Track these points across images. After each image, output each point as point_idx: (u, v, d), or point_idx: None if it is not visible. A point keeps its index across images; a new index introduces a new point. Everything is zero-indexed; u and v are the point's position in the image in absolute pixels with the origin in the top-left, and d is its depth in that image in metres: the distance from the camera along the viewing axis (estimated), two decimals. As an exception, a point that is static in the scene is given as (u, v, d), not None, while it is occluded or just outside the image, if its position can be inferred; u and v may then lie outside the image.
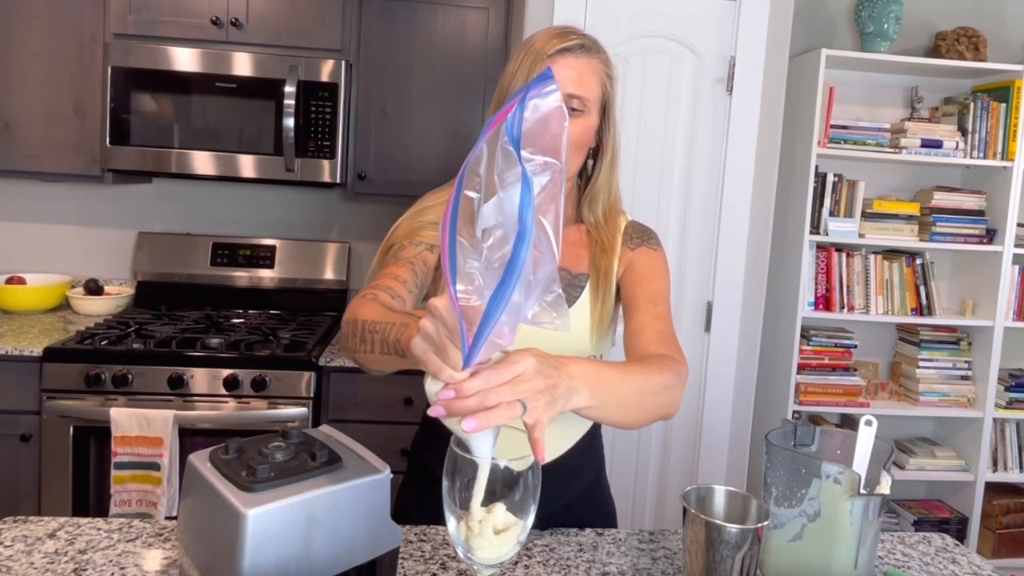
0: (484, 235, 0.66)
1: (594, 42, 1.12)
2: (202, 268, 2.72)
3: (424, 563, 1.01)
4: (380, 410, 2.26)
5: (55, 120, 2.40)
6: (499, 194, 0.65)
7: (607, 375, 0.86)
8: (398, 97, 2.50)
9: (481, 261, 0.66)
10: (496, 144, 0.66)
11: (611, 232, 1.19)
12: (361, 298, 1.01)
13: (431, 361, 0.70)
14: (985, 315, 2.83)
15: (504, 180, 0.65)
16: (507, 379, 0.69)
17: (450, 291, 0.66)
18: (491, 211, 0.66)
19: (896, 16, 2.67)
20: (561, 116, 0.68)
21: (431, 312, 0.70)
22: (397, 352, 0.86)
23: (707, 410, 2.51)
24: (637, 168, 2.40)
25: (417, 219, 1.16)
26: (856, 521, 0.93)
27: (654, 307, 1.12)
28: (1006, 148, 2.72)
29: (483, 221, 0.66)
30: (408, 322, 0.85)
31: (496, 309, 0.64)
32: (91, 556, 0.97)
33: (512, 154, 0.65)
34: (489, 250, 0.66)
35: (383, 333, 0.90)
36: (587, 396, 0.80)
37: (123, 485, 2.05)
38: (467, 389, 0.67)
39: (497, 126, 0.66)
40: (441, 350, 0.69)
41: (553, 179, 0.67)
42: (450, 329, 0.68)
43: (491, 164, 0.66)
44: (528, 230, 0.63)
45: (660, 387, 0.94)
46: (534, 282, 0.66)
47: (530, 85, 0.68)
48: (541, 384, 0.72)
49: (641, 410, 0.93)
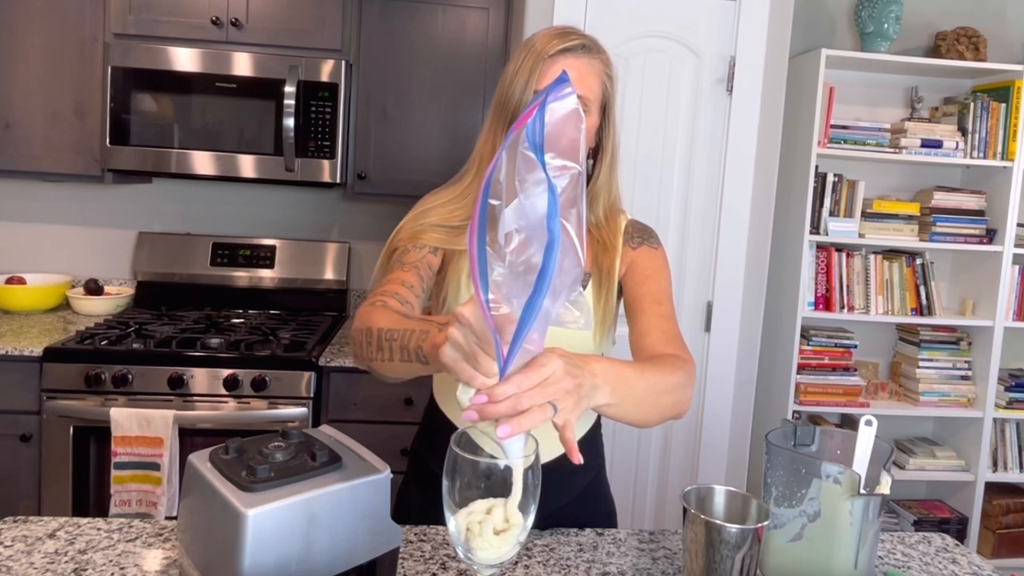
0: (507, 240, 0.66)
1: (594, 42, 1.12)
2: (202, 268, 2.72)
3: (424, 563, 1.01)
4: (380, 410, 2.26)
5: (55, 120, 2.40)
6: (519, 199, 0.66)
7: (625, 373, 0.86)
8: (398, 97, 2.50)
9: (505, 266, 0.67)
10: (516, 149, 0.66)
11: (612, 232, 1.20)
12: (371, 306, 1.01)
13: (463, 370, 0.70)
14: (985, 315, 2.83)
15: (525, 185, 0.65)
16: (537, 382, 0.69)
17: (480, 301, 0.66)
18: (512, 215, 0.66)
19: (896, 16, 2.67)
20: (578, 119, 0.68)
21: (458, 320, 0.70)
22: (419, 359, 0.86)
23: (707, 410, 2.51)
24: (637, 168, 2.40)
25: (419, 221, 1.16)
26: (856, 521, 0.93)
27: (659, 307, 1.12)
28: (1006, 148, 2.72)
29: (505, 225, 0.66)
30: (428, 329, 0.85)
31: (529, 319, 0.65)
32: (91, 556, 0.97)
33: (532, 159, 0.65)
34: (513, 254, 0.66)
35: (402, 341, 0.89)
36: (608, 393, 0.81)
37: (123, 485, 2.05)
38: (500, 394, 0.68)
39: (517, 132, 0.66)
40: (471, 357, 0.70)
41: (572, 182, 0.68)
42: (479, 337, 0.69)
43: (511, 169, 0.66)
44: (556, 239, 0.64)
45: (673, 386, 0.95)
46: (560, 286, 0.67)
47: (548, 90, 0.68)
48: (569, 384, 0.72)
49: (656, 408, 0.94)
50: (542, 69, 1.07)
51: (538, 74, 1.07)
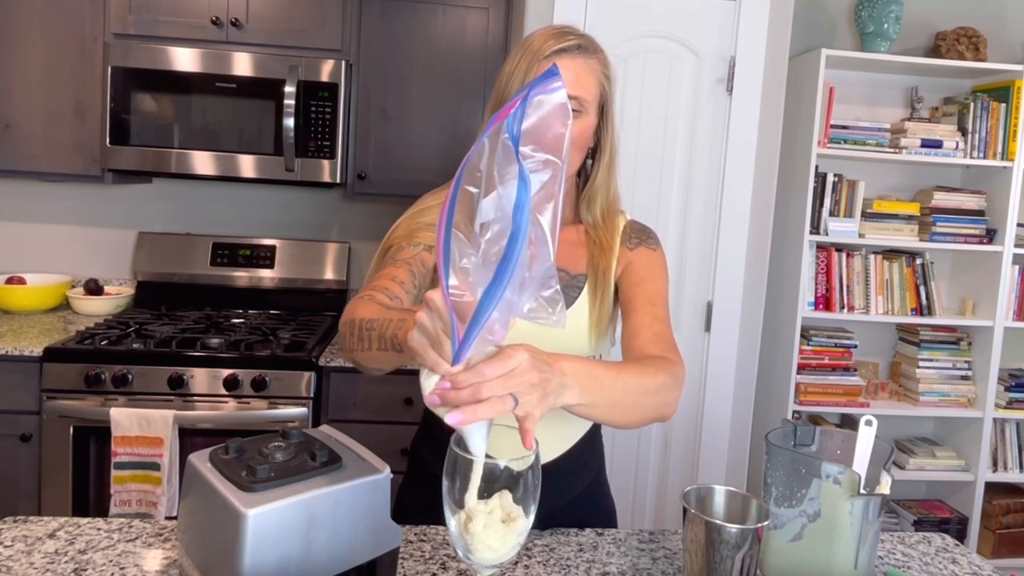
0: (482, 229, 0.66)
1: (591, 42, 1.12)
2: (202, 268, 2.72)
3: (424, 563, 1.01)
4: (380, 410, 2.26)
5: (55, 120, 2.40)
6: (498, 190, 0.66)
7: (598, 374, 0.86)
8: (398, 97, 2.50)
9: (478, 255, 0.67)
10: (498, 139, 0.66)
11: (609, 232, 1.19)
12: (358, 299, 1.02)
13: (427, 356, 0.70)
14: (985, 315, 2.83)
15: (504, 176, 0.65)
16: (501, 373, 0.69)
17: (443, 285, 0.66)
18: (489, 206, 0.66)
19: (896, 16, 2.67)
20: (565, 114, 0.68)
21: (427, 305, 0.70)
22: (394, 347, 0.87)
23: (707, 410, 2.51)
24: (637, 168, 2.40)
25: (416, 220, 1.16)
26: (856, 521, 0.92)
27: (652, 308, 1.12)
28: (1006, 148, 2.72)
29: (481, 216, 0.66)
30: (405, 318, 0.86)
31: (487, 306, 0.64)
32: (91, 556, 0.97)
33: (512, 151, 0.65)
34: (486, 244, 0.66)
35: (380, 330, 0.90)
36: (577, 393, 0.81)
37: (123, 485, 2.05)
38: (461, 381, 0.68)
39: (500, 122, 0.66)
40: (437, 344, 0.70)
41: (553, 177, 0.67)
42: (446, 323, 0.69)
43: (492, 159, 0.66)
44: (520, 230, 0.64)
45: (655, 388, 0.94)
46: (529, 279, 0.67)
47: (534, 82, 0.68)
48: (534, 378, 0.72)
49: (635, 411, 0.93)
50: (537, 70, 1.06)
51: (533, 74, 1.06)
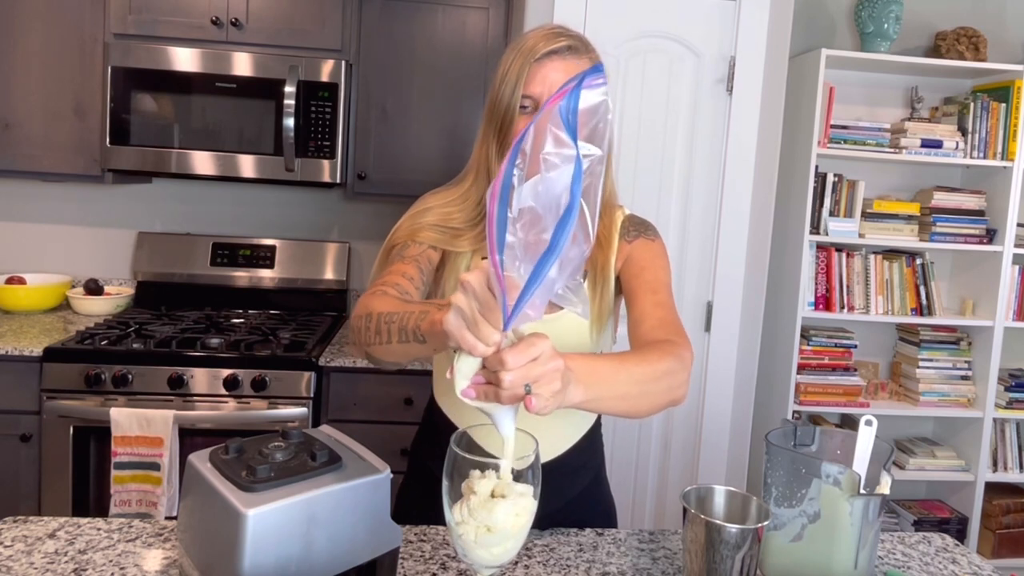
0: (520, 214, 0.68)
1: (583, 42, 1.11)
2: (202, 268, 2.72)
3: (424, 563, 1.01)
4: (380, 410, 2.26)
5: (55, 120, 2.40)
6: (542, 174, 0.67)
7: (600, 369, 0.86)
8: (398, 97, 2.50)
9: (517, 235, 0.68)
10: (545, 125, 0.67)
11: (607, 227, 1.19)
12: (371, 294, 1.02)
13: (464, 337, 0.70)
14: (985, 315, 2.83)
15: (549, 162, 0.67)
16: (524, 362, 0.70)
17: (494, 259, 0.67)
18: (529, 191, 0.67)
19: (896, 16, 2.67)
20: (605, 110, 0.70)
21: (463, 287, 0.70)
22: (416, 339, 0.87)
23: (707, 410, 2.51)
24: (637, 168, 2.40)
25: (417, 220, 1.16)
26: (856, 521, 0.93)
27: (653, 295, 1.12)
28: (1006, 148, 2.72)
29: (521, 200, 0.67)
30: (427, 309, 0.86)
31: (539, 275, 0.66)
32: (91, 556, 0.97)
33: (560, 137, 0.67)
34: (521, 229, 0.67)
35: (400, 322, 0.90)
36: (582, 391, 0.81)
37: (123, 485, 2.05)
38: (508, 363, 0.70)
39: (549, 109, 0.68)
40: (474, 326, 0.70)
41: (592, 168, 0.69)
42: (483, 304, 0.70)
43: (536, 144, 0.68)
44: (576, 202, 0.66)
45: (661, 373, 0.93)
46: (566, 260, 0.68)
47: (585, 73, 0.70)
48: (560, 365, 0.74)
49: (644, 399, 0.93)
50: (530, 72, 1.05)
51: (526, 77, 1.06)
